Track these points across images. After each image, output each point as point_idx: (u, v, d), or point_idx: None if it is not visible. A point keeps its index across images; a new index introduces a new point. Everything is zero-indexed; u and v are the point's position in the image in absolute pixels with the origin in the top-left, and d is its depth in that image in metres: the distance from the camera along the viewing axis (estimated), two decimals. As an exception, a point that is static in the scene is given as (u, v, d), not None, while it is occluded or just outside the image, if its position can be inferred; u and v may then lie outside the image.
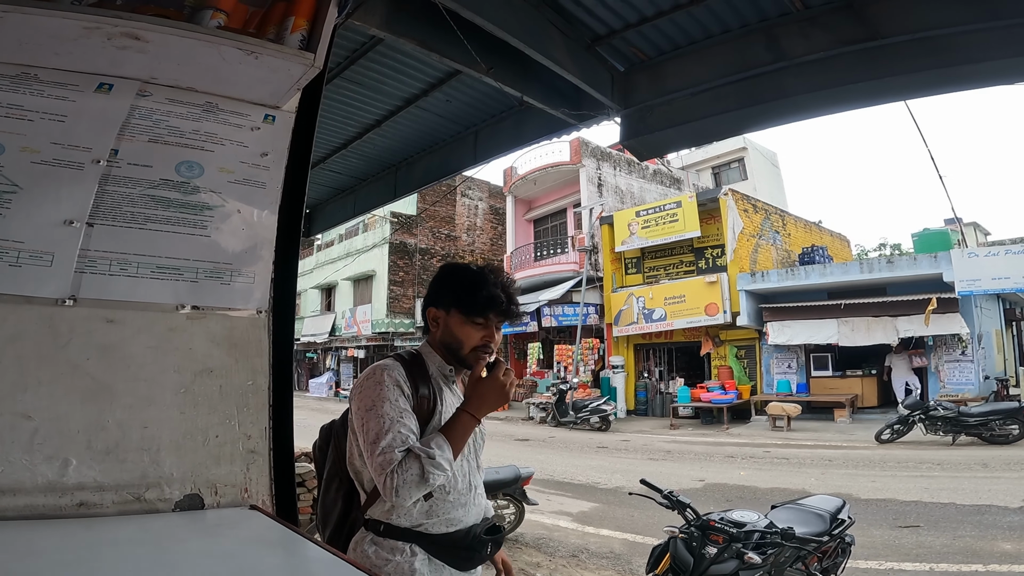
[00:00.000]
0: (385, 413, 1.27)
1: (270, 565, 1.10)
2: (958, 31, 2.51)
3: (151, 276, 1.25)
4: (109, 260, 1.22)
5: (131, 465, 1.21)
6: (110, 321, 1.22)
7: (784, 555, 3.01)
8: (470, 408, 1.37)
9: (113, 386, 1.21)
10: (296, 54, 1.27)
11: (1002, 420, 9.34)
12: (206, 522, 1.24)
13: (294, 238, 1.47)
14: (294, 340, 1.50)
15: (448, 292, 1.45)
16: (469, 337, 1.42)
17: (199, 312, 1.30)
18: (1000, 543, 4.72)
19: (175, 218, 1.29)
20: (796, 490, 6.40)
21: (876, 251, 28.76)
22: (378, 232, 24.92)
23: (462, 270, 1.49)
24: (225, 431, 1.31)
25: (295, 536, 1.20)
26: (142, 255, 1.25)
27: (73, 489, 1.16)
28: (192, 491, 1.26)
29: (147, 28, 1.15)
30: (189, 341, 1.29)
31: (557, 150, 18.58)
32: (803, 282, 13.96)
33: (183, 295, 1.29)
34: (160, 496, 1.23)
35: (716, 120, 3.23)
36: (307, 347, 28.45)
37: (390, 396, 1.30)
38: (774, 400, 13.33)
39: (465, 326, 1.42)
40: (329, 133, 4.32)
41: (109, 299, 1.22)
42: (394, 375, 1.33)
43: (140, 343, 1.24)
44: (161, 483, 1.24)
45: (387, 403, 1.29)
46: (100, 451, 1.19)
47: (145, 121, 1.30)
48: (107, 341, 1.22)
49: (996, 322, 14.51)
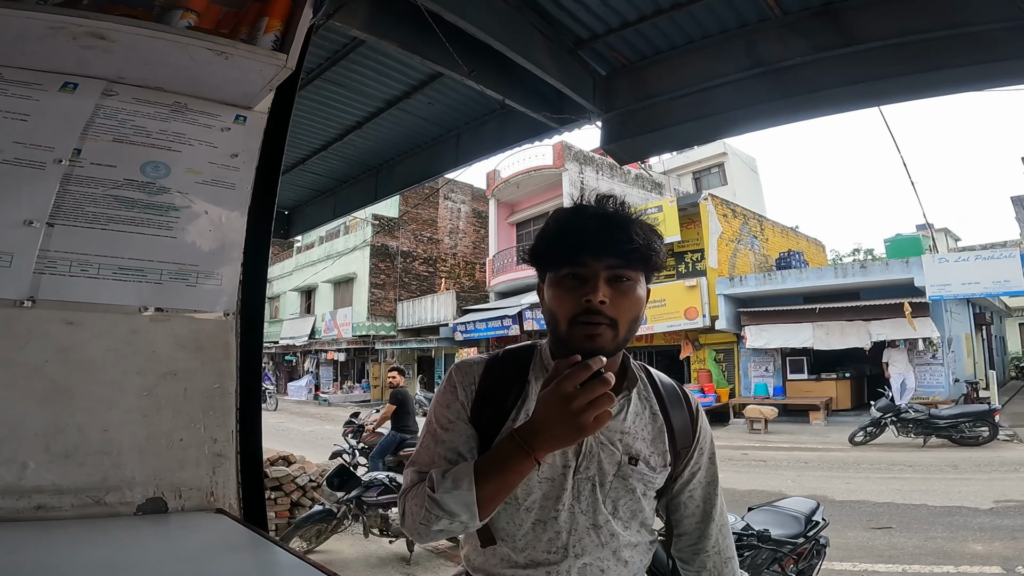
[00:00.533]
0: (427, 423, 1.04)
1: (234, 568, 1.09)
2: (930, 37, 2.57)
3: (113, 277, 1.23)
4: (70, 261, 1.20)
5: (91, 468, 1.19)
6: (70, 323, 1.20)
7: (761, 557, 3.05)
8: (522, 434, 0.86)
9: (72, 389, 1.19)
10: (268, 55, 1.27)
11: (972, 422, 9.57)
12: (169, 525, 1.23)
13: (264, 240, 1.45)
14: (263, 343, 1.48)
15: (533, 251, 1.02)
16: (562, 303, 0.94)
17: (163, 314, 1.28)
18: (971, 544, 4.83)
19: (139, 219, 1.27)
20: (773, 492, 6.49)
21: (850, 256, 29.36)
22: (359, 234, 24.77)
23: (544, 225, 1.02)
24: (190, 434, 1.29)
25: (262, 540, 1.19)
26: (104, 256, 1.23)
27: (31, 492, 1.14)
28: (155, 494, 1.24)
29: (113, 28, 1.14)
30: (152, 343, 1.27)
31: (540, 154, 18.66)
32: (780, 287, 14.19)
33: (146, 297, 1.27)
34: (121, 499, 1.21)
35: (696, 125, 3.27)
36: (286, 350, 28.13)
37: (441, 401, 1.03)
38: (752, 403, 13.52)
39: (554, 289, 0.96)
40: (309, 134, 4.29)
41: (69, 300, 1.19)
42: (459, 376, 1.04)
43: (101, 345, 1.22)
44: (122, 486, 1.22)
45: (434, 410, 1.03)
46: (59, 454, 1.17)
47: (110, 121, 1.28)
48: (67, 343, 1.19)
49: (966, 326, 14.90)
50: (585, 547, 0.98)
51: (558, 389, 0.81)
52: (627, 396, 1.04)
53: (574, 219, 0.98)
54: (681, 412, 1.10)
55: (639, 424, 1.04)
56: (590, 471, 0.99)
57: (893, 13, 2.56)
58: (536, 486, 0.98)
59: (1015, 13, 2.35)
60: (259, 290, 1.44)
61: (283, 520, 5.10)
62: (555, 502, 0.98)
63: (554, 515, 0.98)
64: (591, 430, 0.82)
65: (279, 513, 5.18)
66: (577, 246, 0.93)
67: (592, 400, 0.80)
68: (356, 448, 7.89)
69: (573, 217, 0.98)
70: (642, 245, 0.94)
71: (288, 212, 5.91)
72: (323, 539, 4.69)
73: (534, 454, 0.85)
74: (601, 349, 0.90)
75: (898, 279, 12.51)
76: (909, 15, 2.54)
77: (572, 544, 0.98)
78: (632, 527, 1.03)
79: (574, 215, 0.99)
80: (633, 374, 1.07)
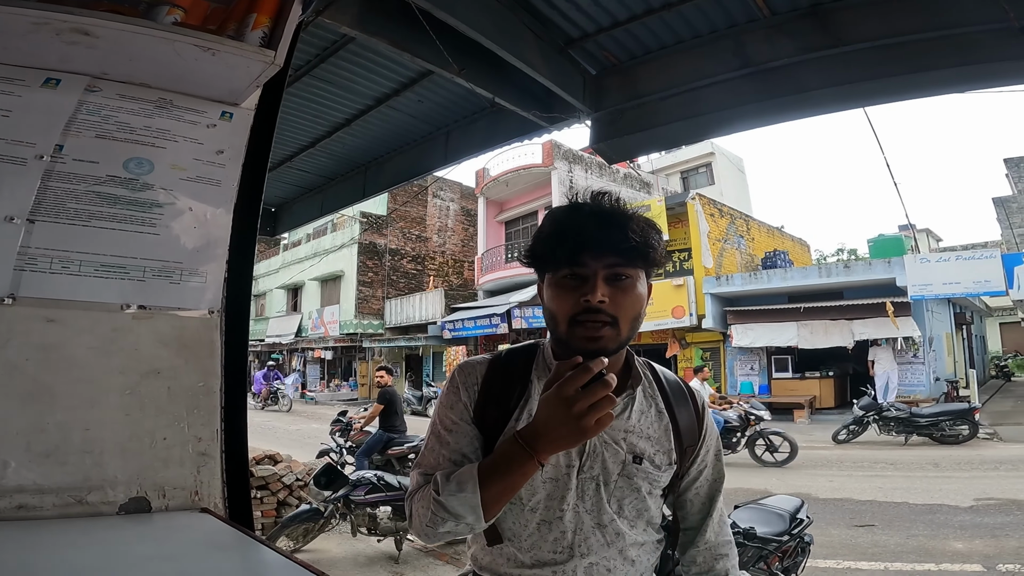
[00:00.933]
0: (431, 424, 1.04)
1: (220, 568, 1.08)
2: (915, 39, 2.61)
3: (95, 275, 1.21)
4: (50, 258, 1.18)
5: (72, 468, 1.17)
6: (51, 321, 1.18)
7: (747, 555, 3.08)
8: (525, 436, 0.86)
9: (53, 387, 1.17)
10: (256, 51, 1.25)
11: (952, 421, 9.73)
12: (153, 525, 1.21)
13: (250, 237, 1.44)
14: (249, 341, 1.47)
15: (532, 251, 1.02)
16: (561, 304, 0.94)
17: (146, 312, 1.27)
18: (952, 542, 4.89)
19: (122, 215, 1.25)
20: (758, 490, 6.55)
21: (834, 256, 29.69)
22: (347, 232, 24.61)
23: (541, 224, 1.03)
24: (174, 433, 1.28)
25: (247, 539, 1.18)
26: (85, 253, 1.21)
27: (11, 492, 1.12)
28: (138, 494, 1.23)
29: (98, 24, 1.12)
30: (135, 342, 1.25)
31: (529, 152, 18.67)
32: (765, 286, 14.34)
33: (129, 294, 1.25)
34: (103, 499, 1.20)
35: (685, 125, 3.30)
36: (272, 348, 27.91)
37: (445, 403, 1.03)
38: (738, 401, 13.63)
39: (553, 289, 0.97)
40: (297, 131, 4.26)
41: (50, 298, 1.18)
42: (461, 376, 1.04)
43: (82, 343, 1.20)
44: (104, 486, 1.20)
45: (438, 412, 1.04)
46: (40, 453, 1.15)
47: (93, 117, 1.26)
48: (47, 341, 1.17)
49: (946, 325, 15.15)
50: (591, 547, 0.98)
51: (559, 392, 0.81)
52: (631, 394, 1.04)
53: (570, 218, 0.97)
54: (687, 409, 1.09)
55: (644, 422, 1.04)
56: (594, 471, 0.99)
57: (879, 15, 2.59)
58: (540, 486, 0.98)
59: (998, 15, 2.38)
60: (244, 288, 1.43)
61: (270, 519, 5.06)
62: (560, 502, 0.98)
63: (559, 515, 0.98)
64: (593, 433, 0.82)
65: (265, 512, 5.15)
66: (574, 246, 0.93)
67: (594, 403, 0.79)
68: (343, 447, 7.86)
69: (569, 215, 0.98)
70: (640, 242, 0.93)
71: (275, 209, 5.87)
72: (310, 538, 4.67)
73: (537, 456, 0.85)
74: (603, 349, 0.90)
75: (881, 279, 12.69)
76: (895, 17, 2.58)
77: (578, 544, 0.98)
78: (638, 526, 1.03)
79: (570, 213, 0.98)
80: (637, 372, 1.06)
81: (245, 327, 1.43)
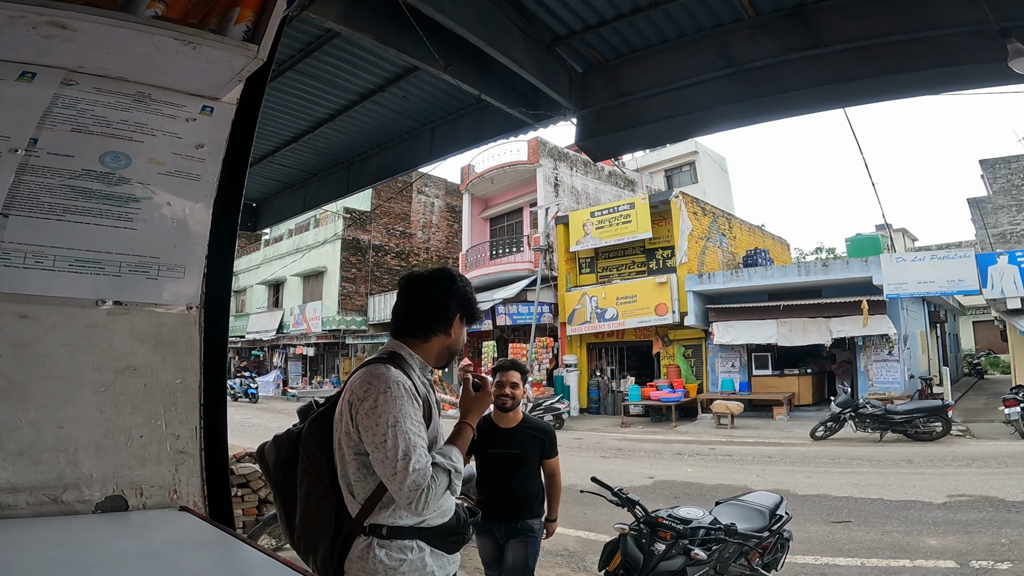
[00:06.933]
0: (408, 429, 1.29)
1: (199, 566, 1.06)
2: (893, 41, 2.65)
3: (69, 270, 1.19)
4: (24, 253, 1.15)
5: (46, 466, 1.15)
6: (24, 316, 1.15)
7: (728, 551, 3.10)
8: (469, 420, 1.53)
9: (26, 384, 1.15)
10: (238, 45, 1.24)
11: (926, 418, 9.93)
12: (130, 523, 1.20)
13: (231, 233, 1.42)
14: (228, 337, 1.45)
15: (460, 299, 1.54)
16: (463, 342, 1.60)
17: (122, 308, 1.24)
18: (926, 538, 4.96)
19: (97, 210, 1.23)
20: (739, 486, 6.62)
21: (813, 255, 30.07)
22: (330, 228, 24.36)
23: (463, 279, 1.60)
24: (150, 431, 1.26)
25: (227, 537, 1.17)
26: (59, 247, 1.19)
27: (-15, 491, 1.10)
28: (114, 492, 1.21)
29: (75, 17, 1.09)
30: (110, 338, 1.23)
31: (515, 149, 18.63)
32: (746, 284, 14.48)
33: (104, 290, 1.22)
34: (79, 497, 1.18)
35: (669, 123, 3.32)
36: (253, 344, 27.54)
37: (409, 411, 1.32)
38: (719, 398, 13.78)
39: (463, 331, 1.58)
40: (279, 126, 4.21)
41: (23, 293, 1.15)
42: (408, 386, 1.35)
43: (56, 339, 1.18)
44: (80, 484, 1.18)
45: (408, 419, 1.31)
46: (13, 452, 1.12)
47: (69, 110, 1.23)
48: (20, 337, 1.15)
49: (921, 324, 15.44)
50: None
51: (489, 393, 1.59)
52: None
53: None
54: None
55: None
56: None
57: (860, 16, 2.63)
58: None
59: (977, 18, 2.43)
60: (224, 283, 1.41)
61: (251, 518, 5.00)
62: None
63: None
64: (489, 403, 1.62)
65: (247, 511, 5.07)
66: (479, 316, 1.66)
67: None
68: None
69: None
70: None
71: (256, 204, 5.80)
72: (291, 537, 4.61)
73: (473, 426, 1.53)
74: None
75: (858, 277, 12.87)
76: (876, 18, 2.62)
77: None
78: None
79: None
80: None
81: (225, 323, 1.41)
